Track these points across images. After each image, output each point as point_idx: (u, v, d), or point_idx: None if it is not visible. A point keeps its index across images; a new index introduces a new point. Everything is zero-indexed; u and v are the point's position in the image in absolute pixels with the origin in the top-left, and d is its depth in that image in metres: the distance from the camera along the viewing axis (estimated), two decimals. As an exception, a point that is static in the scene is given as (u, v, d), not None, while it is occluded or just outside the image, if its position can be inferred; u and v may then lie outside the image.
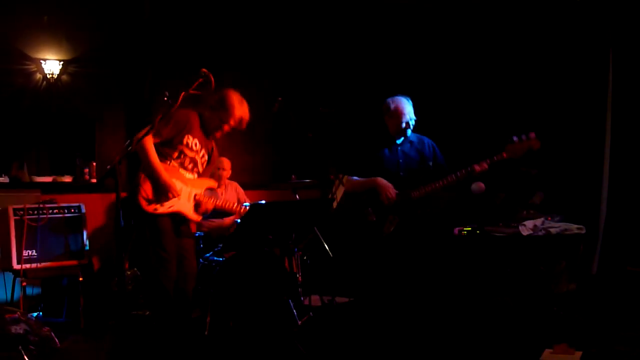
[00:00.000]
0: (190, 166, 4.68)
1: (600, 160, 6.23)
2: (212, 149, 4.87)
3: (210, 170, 5.00)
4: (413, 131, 5.34)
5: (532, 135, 4.91)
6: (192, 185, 4.69)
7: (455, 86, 7.33)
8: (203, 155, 4.76)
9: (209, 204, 4.78)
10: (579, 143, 6.43)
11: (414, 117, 5.25)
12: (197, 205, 4.73)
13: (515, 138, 4.93)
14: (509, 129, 5.03)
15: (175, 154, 4.57)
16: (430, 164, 5.21)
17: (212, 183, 4.91)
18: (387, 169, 5.24)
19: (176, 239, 4.61)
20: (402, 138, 5.30)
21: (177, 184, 4.54)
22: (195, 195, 4.70)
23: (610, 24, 6.16)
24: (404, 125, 5.21)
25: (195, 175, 4.75)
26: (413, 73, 7.55)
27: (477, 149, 5.22)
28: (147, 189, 4.47)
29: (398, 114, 5.21)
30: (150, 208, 4.46)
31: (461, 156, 5.21)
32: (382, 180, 5.18)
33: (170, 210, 4.55)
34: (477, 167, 4.99)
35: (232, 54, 7.89)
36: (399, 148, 5.30)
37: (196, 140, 4.65)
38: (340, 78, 8.31)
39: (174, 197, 4.51)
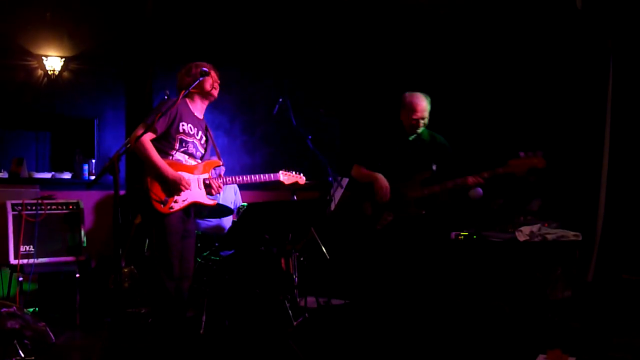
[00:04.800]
0: (194, 151, 4.68)
1: (598, 168, 6.24)
2: (206, 127, 4.87)
3: (211, 148, 4.97)
4: (429, 129, 5.35)
5: (539, 153, 4.88)
6: (198, 172, 4.69)
7: (455, 90, 7.35)
8: (201, 137, 4.76)
9: (219, 184, 4.77)
10: (577, 150, 6.44)
11: (427, 115, 5.21)
12: (209, 189, 4.74)
13: (521, 154, 4.90)
14: (509, 135, 5.05)
15: (177, 145, 4.56)
16: (434, 166, 5.20)
17: (216, 162, 4.88)
18: (395, 164, 5.25)
19: (181, 239, 4.61)
20: (415, 135, 5.29)
21: (184, 175, 4.55)
22: (204, 180, 4.72)
23: (611, 32, 6.18)
24: (414, 120, 5.19)
25: (199, 160, 4.76)
26: (413, 73, 7.58)
27: (476, 156, 5.23)
28: (157, 192, 4.46)
29: (411, 107, 5.18)
30: (166, 209, 4.47)
31: (461, 161, 5.23)
32: (381, 180, 5.19)
33: (186, 203, 4.56)
34: (470, 180, 5.01)
35: (235, 53, 7.91)
36: (410, 145, 5.30)
37: (190, 125, 4.63)
38: (344, 78, 8.34)
39: (185, 188, 4.53)
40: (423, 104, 5.19)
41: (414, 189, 5.16)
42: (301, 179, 5.20)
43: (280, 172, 5.11)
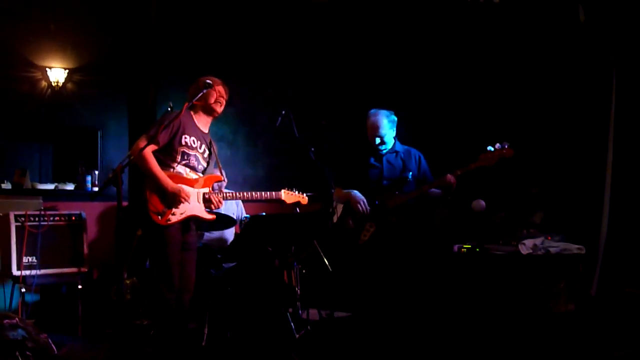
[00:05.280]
0: (195, 164, 4.68)
1: (601, 181, 6.24)
2: (210, 142, 4.88)
3: (214, 162, 4.96)
4: (402, 143, 5.53)
5: (506, 144, 5.10)
6: (198, 186, 4.69)
7: (456, 101, 7.37)
8: (204, 150, 4.77)
9: (219, 199, 4.75)
10: (580, 163, 6.43)
11: (388, 132, 5.38)
12: (208, 203, 4.72)
13: (489, 148, 5.13)
14: (489, 140, 5.13)
15: (178, 157, 4.57)
16: (410, 174, 5.29)
17: (217, 177, 4.87)
18: (370, 177, 5.42)
19: (180, 251, 4.61)
20: (387, 148, 5.44)
21: (184, 188, 4.54)
22: (204, 195, 4.70)
23: (613, 45, 6.18)
24: (373, 137, 5.38)
25: (201, 174, 4.75)
26: (416, 84, 7.60)
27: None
28: (155, 203, 4.47)
29: (371, 126, 5.40)
30: (163, 221, 4.46)
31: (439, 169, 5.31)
32: (355, 195, 5.36)
33: (183, 216, 4.55)
34: (449, 177, 5.12)
35: (237, 64, 7.92)
36: (384, 157, 5.46)
37: (193, 138, 4.65)
38: (343, 90, 8.34)
39: (184, 201, 4.52)
40: (377, 121, 5.39)
41: (393, 198, 5.24)
42: (304, 199, 5.16)
43: (283, 190, 5.08)
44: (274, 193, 5.01)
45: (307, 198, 5.17)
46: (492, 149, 5.11)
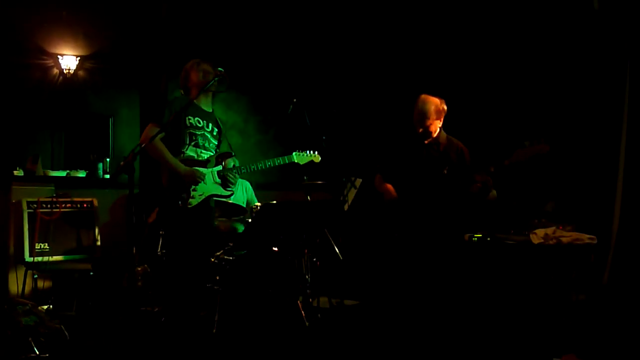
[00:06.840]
0: (206, 143, 4.75)
1: (614, 171, 6.19)
2: (216, 120, 4.94)
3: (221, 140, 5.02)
4: (447, 132, 5.31)
5: (542, 139, 4.92)
6: (210, 165, 4.77)
7: (468, 92, 7.32)
8: (212, 129, 4.85)
9: (234, 174, 4.84)
10: (593, 153, 6.39)
11: (435, 122, 5.14)
12: (224, 180, 4.80)
13: (527, 142, 4.92)
14: (523, 136, 5.03)
15: (187, 139, 4.64)
16: (445, 171, 5.15)
17: (227, 154, 4.95)
18: (408, 166, 5.24)
19: (196, 238, 4.65)
20: (431, 139, 5.23)
21: (197, 170, 4.60)
22: (218, 173, 4.76)
23: (629, 34, 6.13)
24: (417, 126, 5.14)
25: (213, 151, 4.83)
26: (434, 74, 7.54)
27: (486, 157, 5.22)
28: (173, 189, 4.54)
29: (417, 113, 5.14)
30: (183, 205, 4.52)
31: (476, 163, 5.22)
32: (388, 188, 5.21)
33: (202, 198, 4.65)
34: (477, 177, 5.00)
35: (249, 53, 7.91)
36: (425, 147, 5.25)
37: (197, 118, 4.74)
38: (356, 79, 8.30)
39: (200, 180, 4.57)
40: (425, 110, 5.11)
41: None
42: (316, 157, 5.31)
43: (294, 153, 5.23)
44: (285, 157, 5.16)
45: (319, 156, 5.22)
46: (529, 143, 4.92)
